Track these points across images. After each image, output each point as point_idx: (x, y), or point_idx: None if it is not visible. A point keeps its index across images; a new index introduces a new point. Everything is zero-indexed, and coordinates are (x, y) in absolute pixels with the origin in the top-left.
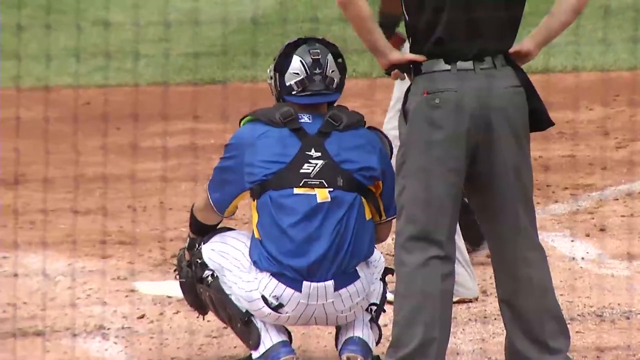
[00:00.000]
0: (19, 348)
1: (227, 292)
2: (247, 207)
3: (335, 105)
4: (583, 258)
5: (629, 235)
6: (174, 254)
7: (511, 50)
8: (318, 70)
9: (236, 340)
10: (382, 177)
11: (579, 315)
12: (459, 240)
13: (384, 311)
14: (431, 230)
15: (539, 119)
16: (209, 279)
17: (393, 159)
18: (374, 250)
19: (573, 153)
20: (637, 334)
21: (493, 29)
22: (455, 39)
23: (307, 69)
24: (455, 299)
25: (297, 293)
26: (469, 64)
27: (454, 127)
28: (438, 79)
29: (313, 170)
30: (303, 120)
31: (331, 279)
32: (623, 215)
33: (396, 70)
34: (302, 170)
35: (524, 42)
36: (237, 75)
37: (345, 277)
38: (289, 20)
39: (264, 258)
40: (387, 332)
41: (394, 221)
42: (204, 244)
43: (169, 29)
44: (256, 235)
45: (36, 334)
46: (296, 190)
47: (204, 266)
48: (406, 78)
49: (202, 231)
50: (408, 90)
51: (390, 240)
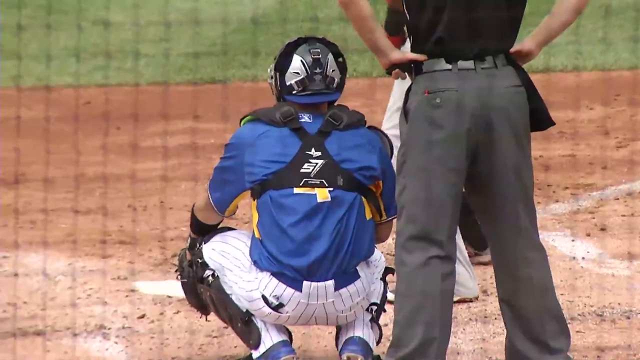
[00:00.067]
0: (19, 348)
1: (228, 292)
2: (248, 207)
3: (335, 104)
4: (583, 258)
5: (629, 235)
6: (174, 253)
7: (512, 49)
8: (318, 70)
9: (237, 339)
10: (383, 177)
11: (579, 314)
12: (459, 239)
13: (385, 311)
14: (431, 230)
15: (540, 118)
16: (210, 278)
17: (393, 159)
18: (374, 250)
19: (573, 152)
20: (638, 334)
21: (494, 29)
22: (456, 39)
23: (308, 68)
24: (455, 298)
25: (298, 293)
26: (470, 64)
27: (455, 127)
28: (439, 79)
29: (313, 169)
30: (303, 120)
31: (331, 279)
32: (624, 215)
33: (397, 70)
34: (303, 170)
35: (524, 42)
36: (238, 74)
37: (345, 277)
38: (289, 20)
39: (265, 258)
40: (388, 332)
41: (395, 221)
42: (204, 243)
43: (169, 28)
44: (256, 235)
45: (36, 334)
46: (296, 190)
47: (205, 266)
48: (406, 78)
49: (203, 231)
50: (409, 89)
51: (390, 240)
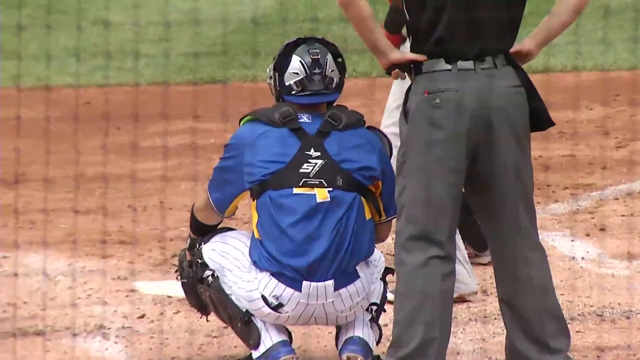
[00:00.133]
0: (19, 348)
1: (228, 292)
2: (247, 207)
3: (334, 104)
4: (583, 258)
5: (629, 235)
6: (174, 253)
7: (512, 50)
8: (317, 70)
9: (236, 339)
10: (382, 177)
11: (579, 314)
12: (457, 238)
13: (385, 311)
14: (431, 230)
15: (540, 118)
16: (210, 278)
17: (393, 159)
18: (374, 250)
19: (573, 153)
20: (638, 334)
21: (494, 29)
22: (456, 39)
23: (307, 68)
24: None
25: (297, 293)
26: (469, 64)
27: (455, 127)
28: (439, 79)
29: (312, 170)
30: (302, 120)
31: (331, 279)
32: (623, 215)
33: (397, 70)
34: (302, 170)
35: (524, 42)
36: (237, 74)
37: (345, 277)
38: (289, 20)
39: (264, 258)
40: (388, 332)
41: (394, 221)
42: (204, 244)
43: (169, 28)
44: (256, 235)
45: (36, 334)
46: (296, 190)
47: (205, 266)
48: (406, 78)
49: (203, 231)
50: (409, 89)
51: (390, 240)
